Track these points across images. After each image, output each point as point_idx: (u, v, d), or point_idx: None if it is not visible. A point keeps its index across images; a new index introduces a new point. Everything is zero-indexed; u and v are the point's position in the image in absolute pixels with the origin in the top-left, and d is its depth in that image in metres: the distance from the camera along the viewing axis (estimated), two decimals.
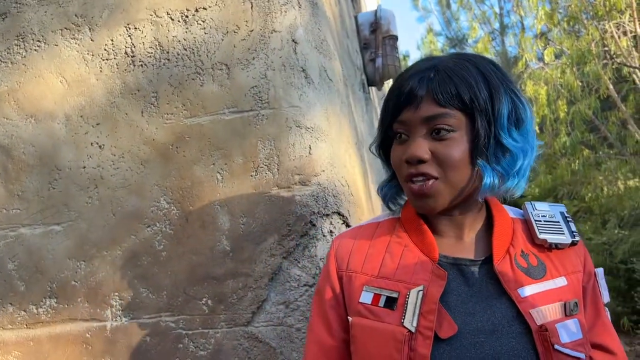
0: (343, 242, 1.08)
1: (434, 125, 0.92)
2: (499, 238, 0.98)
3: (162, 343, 1.43)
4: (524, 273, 0.94)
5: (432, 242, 0.98)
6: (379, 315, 0.94)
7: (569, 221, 1.03)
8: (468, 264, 0.97)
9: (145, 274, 1.46)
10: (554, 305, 0.93)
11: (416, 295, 0.92)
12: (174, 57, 1.49)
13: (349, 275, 1.01)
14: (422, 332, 0.89)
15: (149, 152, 1.48)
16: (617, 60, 5.90)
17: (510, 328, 0.89)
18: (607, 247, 6.39)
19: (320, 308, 1.05)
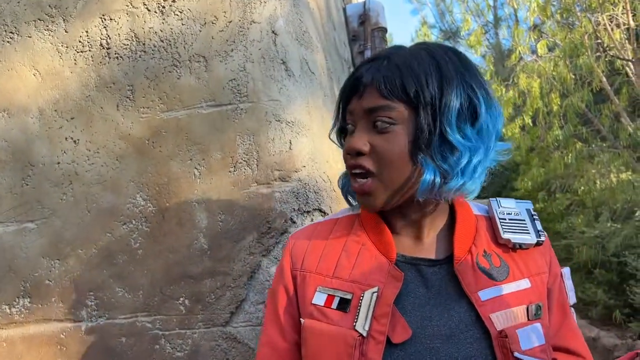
0: (299, 239, 1.02)
1: (375, 117, 0.86)
2: (460, 237, 0.93)
3: (139, 344, 1.39)
4: (485, 275, 0.90)
5: (390, 241, 0.93)
6: (332, 317, 0.89)
7: (535, 219, 0.98)
8: (427, 265, 0.92)
9: (121, 273, 1.42)
10: (516, 309, 0.88)
11: (370, 297, 0.88)
12: (151, 49, 1.44)
13: (303, 275, 0.96)
14: (374, 337, 0.85)
15: (124, 147, 1.44)
16: (610, 52, 5.87)
17: (468, 333, 0.85)
18: (599, 240, 6.38)
19: (273, 309, 1.00)
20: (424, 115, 0.84)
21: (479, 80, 0.88)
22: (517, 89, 6.79)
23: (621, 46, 5.74)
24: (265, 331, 1.01)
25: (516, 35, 7.46)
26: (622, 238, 6.03)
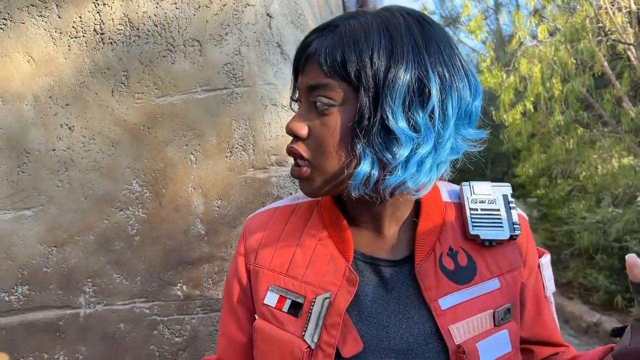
0: (254, 228, 0.92)
1: (315, 96, 0.74)
2: (422, 236, 0.82)
3: (137, 330, 1.39)
4: (448, 278, 0.80)
5: (348, 239, 0.82)
6: (282, 321, 0.81)
7: (512, 208, 0.86)
8: (387, 265, 0.82)
9: (119, 259, 1.41)
10: (480, 316, 0.79)
11: (321, 303, 0.79)
12: (144, 34, 1.43)
13: (256, 270, 0.87)
14: (323, 349, 0.77)
15: (120, 133, 1.43)
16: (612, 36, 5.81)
17: (427, 347, 0.77)
18: (601, 225, 6.36)
19: (229, 301, 0.93)
20: (364, 97, 0.71)
21: (443, 55, 0.72)
22: (518, 75, 6.72)
23: (623, 30, 5.68)
24: (223, 322, 0.94)
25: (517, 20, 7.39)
26: (623, 223, 6.01)
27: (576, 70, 6.23)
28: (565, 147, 6.64)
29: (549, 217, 7.94)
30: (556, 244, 7.55)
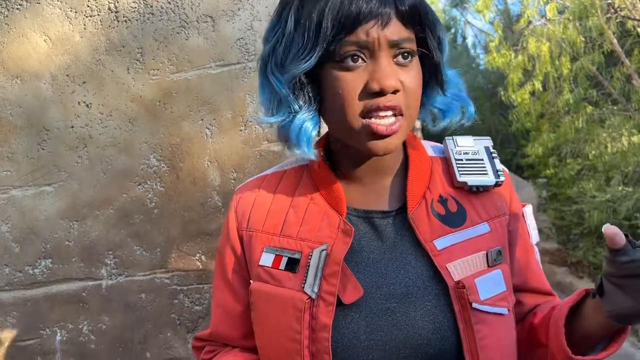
0: (244, 195, 0.93)
1: (398, 49, 0.76)
2: (413, 183, 0.86)
3: (158, 299, 1.44)
4: (441, 222, 0.84)
5: (340, 194, 0.85)
6: (280, 279, 0.83)
7: (494, 158, 0.91)
8: (380, 217, 0.85)
9: (138, 231, 1.45)
10: (474, 256, 0.83)
11: (318, 255, 0.81)
12: (158, 11, 1.45)
13: (250, 235, 0.89)
14: (324, 298, 0.79)
15: (136, 109, 1.46)
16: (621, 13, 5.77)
17: (426, 290, 0.80)
18: (611, 204, 6.36)
19: (222, 270, 0.94)
20: (433, 47, 0.80)
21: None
22: (527, 54, 6.70)
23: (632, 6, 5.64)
24: (217, 293, 0.95)
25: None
26: (633, 201, 6.00)
27: (585, 48, 6.20)
28: (575, 126, 6.62)
29: (558, 196, 7.94)
30: (566, 223, 7.56)
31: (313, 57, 0.76)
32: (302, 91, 0.80)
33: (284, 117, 0.81)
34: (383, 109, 0.75)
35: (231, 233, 0.92)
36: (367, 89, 0.75)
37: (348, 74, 0.76)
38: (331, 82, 0.77)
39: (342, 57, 0.76)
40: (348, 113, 0.77)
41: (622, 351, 4.81)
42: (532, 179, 9.47)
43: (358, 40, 0.74)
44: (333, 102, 0.78)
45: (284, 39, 0.79)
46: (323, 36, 0.74)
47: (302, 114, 0.80)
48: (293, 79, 0.79)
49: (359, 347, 0.77)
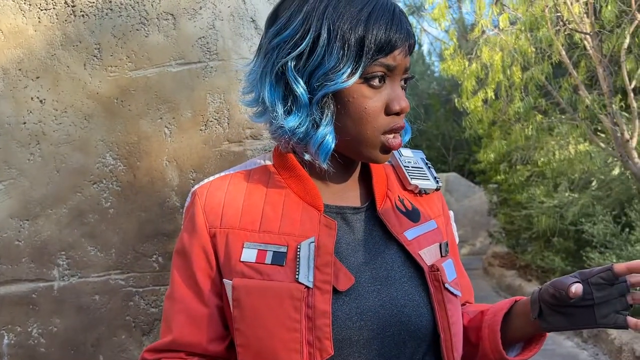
0: (211, 193, 0.93)
1: (406, 75, 0.88)
2: (378, 182, 0.95)
3: (112, 301, 1.41)
4: (405, 216, 0.94)
5: (315, 190, 0.90)
6: (267, 273, 0.84)
7: (430, 167, 1.05)
8: (352, 212, 0.93)
9: (93, 232, 1.42)
10: (434, 246, 0.94)
11: (308, 247, 0.85)
12: (117, 7, 1.42)
13: (225, 232, 0.89)
14: (320, 287, 0.83)
15: (93, 106, 1.43)
16: (570, 26, 5.99)
17: (401, 272, 0.89)
18: (558, 209, 6.58)
19: (186, 272, 0.91)
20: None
21: None
22: (480, 62, 6.86)
23: (580, 20, 5.85)
24: (178, 297, 0.91)
25: (479, 9, 7.53)
26: (579, 207, 6.23)
27: (535, 58, 6.40)
28: (525, 133, 6.82)
29: (508, 201, 8.16)
30: (515, 228, 7.78)
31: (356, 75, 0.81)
32: (327, 104, 0.84)
33: (299, 122, 0.84)
34: (400, 128, 0.87)
35: (200, 232, 0.90)
36: (387, 110, 0.85)
37: (374, 92, 0.84)
38: (358, 98, 0.83)
39: (371, 76, 0.83)
40: (370, 129, 0.85)
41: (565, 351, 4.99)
42: (483, 184, 9.71)
43: (389, 64, 0.83)
44: (356, 116, 0.84)
45: (317, 50, 0.82)
46: (366, 55, 0.81)
47: (324, 128, 0.84)
48: (326, 94, 0.83)
49: (352, 329, 0.84)
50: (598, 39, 5.79)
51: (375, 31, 0.81)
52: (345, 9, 0.82)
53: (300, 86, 0.83)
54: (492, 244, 9.15)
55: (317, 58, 0.82)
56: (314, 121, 0.85)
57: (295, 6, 0.85)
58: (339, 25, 0.81)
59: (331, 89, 0.82)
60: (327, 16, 0.82)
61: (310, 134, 0.85)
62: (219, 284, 0.89)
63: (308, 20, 0.83)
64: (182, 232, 0.94)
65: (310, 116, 0.84)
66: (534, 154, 7.25)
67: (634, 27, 5.51)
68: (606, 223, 5.53)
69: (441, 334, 0.87)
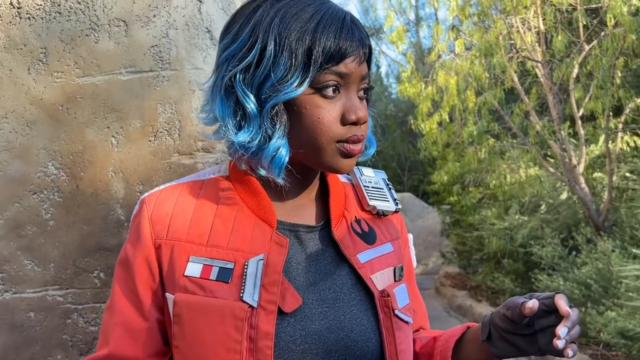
0: (160, 202, 0.89)
1: (363, 84, 0.86)
2: (335, 202, 0.93)
3: (49, 318, 1.33)
4: (360, 238, 0.92)
5: (269, 206, 0.88)
6: (211, 289, 0.81)
7: (391, 188, 1.03)
8: (306, 231, 0.90)
9: (31, 245, 1.34)
10: (387, 270, 0.92)
11: (256, 265, 0.82)
12: (66, 11, 1.37)
13: (171, 244, 0.85)
14: (265, 307, 0.80)
15: (36, 112, 1.36)
16: (522, 54, 6.18)
17: (351, 296, 0.86)
18: (508, 232, 6.72)
19: (127, 283, 0.88)
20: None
21: None
22: (436, 86, 6.99)
23: (532, 48, 6.05)
24: (117, 309, 0.88)
25: (436, 34, 7.70)
26: (528, 230, 6.38)
27: (489, 83, 6.57)
28: (478, 156, 6.97)
29: (460, 223, 8.29)
30: (467, 249, 7.90)
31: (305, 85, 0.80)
32: (278, 116, 0.82)
33: (250, 137, 0.82)
34: (359, 139, 0.84)
35: (145, 242, 0.87)
36: (343, 119, 0.83)
37: (328, 102, 0.82)
38: (310, 108, 0.82)
39: (323, 86, 0.81)
40: (325, 139, 0.83)
41: None
42: (437, 205, 9.84)
43: (340, 72, 0.81)
44: (309, 127, 0.82)
45: (264, 61, 0.80)
46: (314, 64, 0.79)
47: (276, 140, 0.82)
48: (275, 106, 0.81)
49: (295, 352, 0.81)
50: (549, 67, 6.00)
51: (323, 40, 0.79)
52: (292, 19, 0.81)
53: (249, 99, 0.81)
54: (445, 264, 9.26)
55: (265, 69, 0.80)
56: (266, 134, 0.82)
57: (243, 19, 0.84)
58: (286, 36, 0.80)
59: (280, 99, 0.80)
60: (273, 27, 0.80)
61: (263, 148, 0.82)
62: (161, 298, 0.86)
63: (255, 32, 0.81)
64: (127, 241, 0.91)
65: (262, 129, 0.82)
66: (486, 177, 7.41)
67: (582, 57, 5.74)
68: (554, 246, 5.67)
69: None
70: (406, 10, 11.62)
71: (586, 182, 5.93)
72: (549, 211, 6.71)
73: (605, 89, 5.59)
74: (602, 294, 4.57)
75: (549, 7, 5.89)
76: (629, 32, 5.29)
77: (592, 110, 5.88)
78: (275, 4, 0.83)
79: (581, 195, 5.75)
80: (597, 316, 4.27)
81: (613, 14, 5.36)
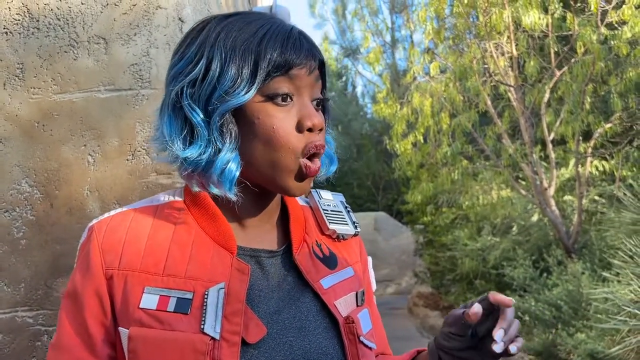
0: (111, 229, 0.84)
1: (317, 94, 0.84)
2: (295, 226, 0.90)
3: (17, 340, 1.29)
4: (322, 263, 0.89)
5: (229, 232, 0.83)
6: (169, 322, 0.76)
7: (349, 211, 1.00)
8: (267, 256, 0.86)
9: (1, 264, 1.31)
10: (350, 295, 0.89)
11: (217, 294, 0.78)
12: (45, 27, 1.35)
13: (124, 274, 0.80)
14: (227, 339, 0.75)
15: (10, 129, 1.33)
16: (495, 78, 6.31)
17: (316, 323, 0.83)
18: (480, 252, 6.80)
19: (75, 317, 0.82)
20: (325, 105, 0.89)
21: None
22: (411, 107, 7.09)
23: (505, 73, 6.19)
24: (65, 346, 0.81)
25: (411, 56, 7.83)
26: (500, 251, 6.47)
27: (463, 106, 6.68)
28: (451, 177, 7.06)
29: (434, 243, 8.36)
30: (440, 269, 7.96)
31: (252, 91, 0.78)
32: (227, 128, 0.79)
33: (199, 152, 0.79)
34: (319, 147, 0.81)
35: (95, 273, 0.81)
36: (299, 127, 0.80)
37: (281, 110, 0.80)
38: (264, 118, 0.79)
39: (274, 93, 0.79)
40: (283, 149, 0.79)
41: None
42: (410, 224, 9.92)
43: (290, 79, 0.80)
44: (266, 138, 0.79)
45: (209, 74, 0.79)
46: (260, 73, 0.78)
47: (225, 153, 0.78)
48: (224, 115, 0.78)
49: None
50: (521, 91, 6.14)
51: (269, 50, 0.78)
52: (238, 33, 0.80)
53: (195, 112, 0.79)
54: (418, 284, 9.30)
55: (212, 82, 0.79)
56: (216, 148, 0.79)
57: (190, 38, 0.84)
58: (232, 48, 0.79)
59: (227, 106, 0.78)
60: (219, 42, 0.80)
61: (212, 162, 0.79)
62: (113, 333, 0.81)
63: (201, 49, 0.81)
64: (74, 272, 0.85)
65: (212, 143, 0.79)
66: (459, 198, 7.51)
67: (553, 82, 5.88)
68: (526, 267, 5.75)
69: None
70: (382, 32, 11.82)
71: (557, 205, 6.04)
72: (520, 233, 6.81)
73: (576, 114, 5.74)
74: (572, 315, 4.64)
75: (522, 33, 6.05)
76: (598, 59, 5.45)
77: (562, 135, 6.02)
78: (221, 22, 0.83)
79: (552, 217, 5.86)
80: (568, 338, 4.33)
81: (583, 42, 5.53)
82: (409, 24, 8.79)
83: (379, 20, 12.70)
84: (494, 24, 5.85)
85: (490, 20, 5.84)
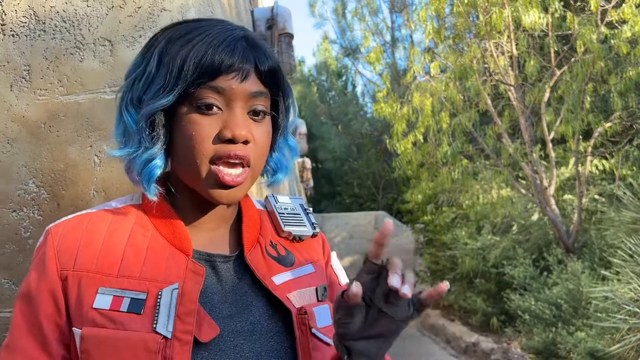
0: (67, 232, 0.84)
1: (254, 103, 0.82)
2: (248, 228, 0.91)
3: None
4: (275, 261, 0.90)
5: (185, 235, 0.85)
6: (122, 322, 0.77)
7: (309, 213, 1.02)
8: (222, 261, 0.87)
9: (9, 263, 1.33)
10: (307, 289, 0.90)
11: (170, 294, 0.79)
12: (51, 29, 1.37)
13: (78, 276, 0.80)
14: (180, 338, 0.76)
15: (17, 130, 1.35)
16: (495, 77, 6.33)
17: (269, 327, 0.84)
18: (480, 252, 6.82)
19: (29, 319, 0.81)
20: (283, 108, 0.89)
21: None
22: (411, 107, 7.11)
23: (505, 72, 6.20)
24: (18, 347, 0.80)
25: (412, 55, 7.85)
26: (500, 250, 6.48)
27: (463, 105, 6.70)
28: (451, 177, 7.07)
29: (434, 242, 8.38)
30: (440, 268, 7.97)
31: (172, 95, 0.79)
32: (156, 129, 0.82)
33: (131, 150, 0.83)
34: (233, 157, 0.80)
35: (50, 275, 0.81)
36: (219, 136, 0.80)
37: (204, 118, 0.80)
38: (185, 124, 0.80)
39: (199, 102, 0.80)
40: (198, 156, 0.80)
41: None
42: (410, 224, 9.93)
43: (217, 87, 0.79)
44: (184, 143, 0.81)
45: (144, 77, 0.82)
46: (184, 78, 0.78)
47: (151, 151, 0.81)
48: (151, 116, 0.81)
49: None
50: (521, 91, 6.15)
51: (197, 54, 0.78)
52: (177, 39, 0.82)
53: (128, 114, 0.83)
54: (418, 283, 9.32)
55: (145, 84, 0.82)
56: (145, 149, 0.82)
57: (143, 48, 0.88)
58: (167, 53, 0.81)
59: (151, 108, 0.80)
60: (159, 48, 0.83)
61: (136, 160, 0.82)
62: (68, 334, 0.81)
63: (146, 55, 0.84)
64: (29, 273, 0.85)
65: (142, 144, 0.82)
66: (459, 197, 7.52)
67: (553, 82, 5.90)
68: (526, 266, 5.76)
69: None
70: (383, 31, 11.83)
71: (557, 204, 6.06)
72: (520, 232, 6.83)
73: (576, 113, 5.75)
74: (572, 314, 4.66)
75: (522, 32, 6.06)
76: (598, 58, 5.47)
77: (562, 134, 6.04)
78: (168, 30, 0.86)
79: (552, 216, 5.87)
80: (568, 336, 4.34)
81: (583, 41, 5.55)
82: (409, 23, 8.80)
83: (379, 19, 12.74)
84: (494, 24, 5.87)
85: (491, 20, 5.85)
